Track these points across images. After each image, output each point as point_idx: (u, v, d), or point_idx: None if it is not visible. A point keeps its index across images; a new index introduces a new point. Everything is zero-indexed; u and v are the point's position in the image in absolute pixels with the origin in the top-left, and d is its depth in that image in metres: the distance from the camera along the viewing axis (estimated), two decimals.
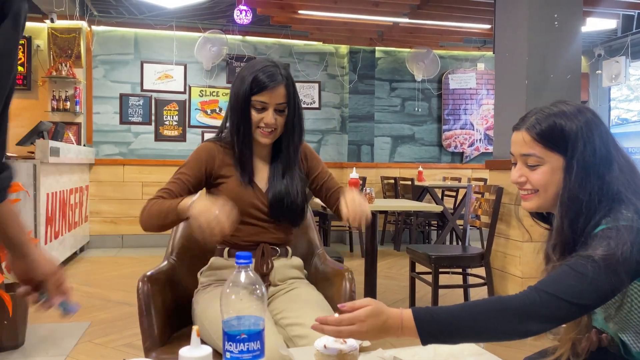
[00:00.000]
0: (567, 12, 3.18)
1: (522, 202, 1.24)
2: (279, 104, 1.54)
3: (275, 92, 1.53)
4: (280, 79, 1.53)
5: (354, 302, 1.06)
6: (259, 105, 1.53)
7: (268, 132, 1.56)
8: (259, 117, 1.54)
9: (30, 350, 2.76)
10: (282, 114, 1.56)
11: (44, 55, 5.83)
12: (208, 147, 1.61)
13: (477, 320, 1.04)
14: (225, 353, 0.91)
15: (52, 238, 4.34)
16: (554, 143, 1.14)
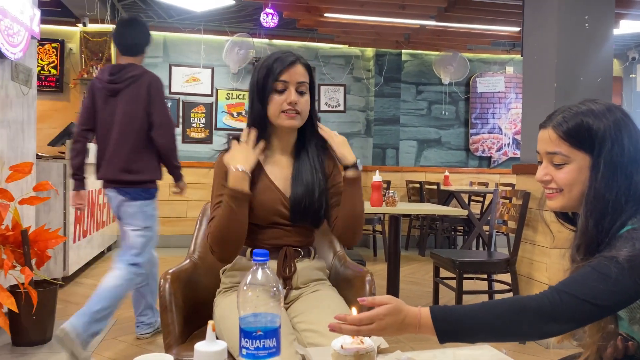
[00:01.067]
0: (598, 14, 3.11)
1: (547, 202, 1.21)
2: (300, 82, 1.52)
3: (294, 70, 1.51)
4: (296, 59, 1.52)
5: (374, 297, 1.06)
6: (280, 85, 1.50)
7: (294, 114, 1.51)
8: (281, 98, 1.50)
9: (57, 346, 2.81)
10: (303, 96, 1.53)
11: (76, 58, 5.98)
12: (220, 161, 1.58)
13: (495, 320, 1.03)
14: (241, 349, 0.91)
15: (80, 237, 4.43)
16: (580, 141, 1.12)
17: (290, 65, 1.50)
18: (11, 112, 3.15)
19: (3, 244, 2.70)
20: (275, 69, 1.50)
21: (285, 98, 1.50)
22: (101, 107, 2.79)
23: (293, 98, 1.49)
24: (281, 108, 1.50)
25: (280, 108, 1.50)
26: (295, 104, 1.50)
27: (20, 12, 3.08)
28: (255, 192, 1.52)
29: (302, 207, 1.54)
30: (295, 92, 1.50)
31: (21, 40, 3.12)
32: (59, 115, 5.86)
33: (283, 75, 1.50)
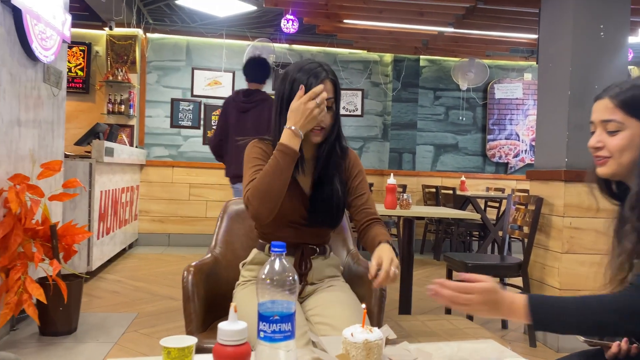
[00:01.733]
0: (614, 23, 3.15)
1: (597, 169, 1.27)
2: (328, 99, 1.52)
3: (323, 86, 1.51)
4: (325, 75, 1.53)
5: (472, 274, 1.16)
6: None
7: (319, 130, 1.54)
8: None
9: (82, 336, 2.95)
10: (330, 110, 1.55)
11: (102, 60, 6.16)
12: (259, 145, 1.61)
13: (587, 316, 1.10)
14: (259, 332, 1.00)
15: (104, 234, 4.58)
16: (635, 110, 1.19)
17: (320, 83, 1.51)
18: (42, 113, 3.29)
19: (33, 237, 2.83)
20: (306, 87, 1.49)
21: None
22: (233, 121, 3.73)
23: (321, 118, 1.50)
24: None
25: None
26: (323, 122, 1.53)
27: (53, 17, 3.23)
28: None
29: (321, 211, 1.61)
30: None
31: (53, 44, 3.27)
32: (84, 116, 6.05)
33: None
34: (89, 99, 6.18)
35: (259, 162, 1.56)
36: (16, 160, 2.92)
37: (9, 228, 2.66)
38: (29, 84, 3.08)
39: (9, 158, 2.83)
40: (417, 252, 6.47)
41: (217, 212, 6.23)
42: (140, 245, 6.23)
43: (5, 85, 2.76)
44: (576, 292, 3.09)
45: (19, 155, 2.96)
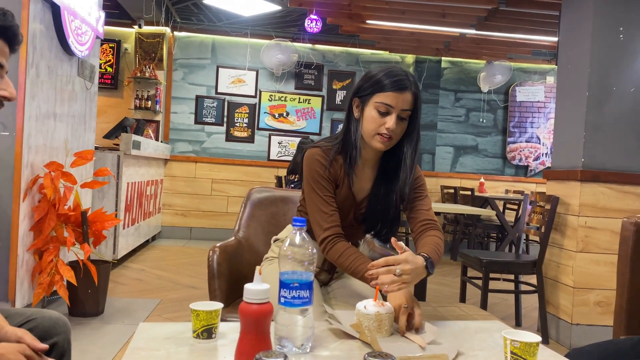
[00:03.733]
0: (634, 26, 3.17)
1: None
2: (404, 110, 1.47)
3: (403, 96, 1.46)
4: (409, 85, 1.47)
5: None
6: (382, 108, 1.46)
7: (387, 138, 1.48)
8: (381, 120, 1.47)
9: (108, 318, 3.09)
10: (403, 122, 1.49)
11: (131, 57, 6.35)
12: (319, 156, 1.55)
13: None
14: (280, 298, 1.10)
15: (129, 224, 4.74)
16: None
17: (401, 91, 1.45)
18: (76, 105, 3.45)
19: (65, 222, 2.99)
20: (383, 88, 1.46)
21: (385, 122, 1.47)
22: None
23: (391, 125, 1.46)
24: (377, 130, 1.48)
25: (377, 130, 1.48)
26: (393, 130, 1.47)
27: (88, 14, 3.39)
28: (338, 195, 1.58)
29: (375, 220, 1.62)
30: (397, 118, 1.47)
31: (88, 40, 3.43)
32: (113, 110, 6.24)
33: (389, 97, 1.46)
34: (117, 95, 6.37)
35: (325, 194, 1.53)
36: (51, 150, 3.08)
37: (44, 212, 2.82)
38: (64, 77, 3.24)
39: (45, 147, 2.99)
40: None
41: (238, 208, 6.35)
42: (163, 237, 6.40)
43: (43, 78, 2.92)
44: (590, 291, 3.13)
45: (53, 145, 3.11)
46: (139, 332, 1.17)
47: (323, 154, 1.55)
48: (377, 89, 1.47)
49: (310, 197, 1.56)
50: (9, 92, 1.19)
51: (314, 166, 1.55)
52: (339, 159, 1.56)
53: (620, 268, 1.73)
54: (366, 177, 1.60)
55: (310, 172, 1.55)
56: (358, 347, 1.15)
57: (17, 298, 2.73)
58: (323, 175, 1.54)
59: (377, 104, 1.47)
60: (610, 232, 3.12)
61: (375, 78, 1.48)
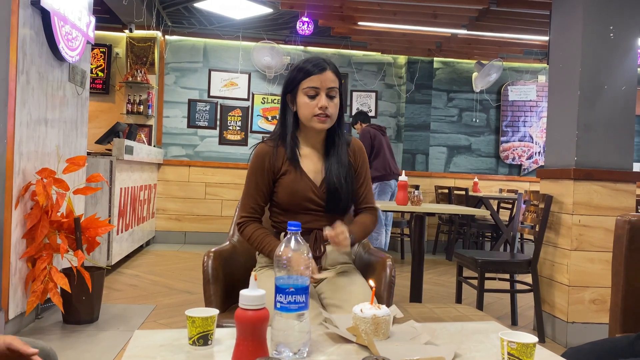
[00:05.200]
0: (624, 25, 3.19)
1: None
2: (330, 88, 1.66)
3: (324, 76, 1.65)
4: (326, 65, 1.67)
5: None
6: (311, 92, 1.66)
7: (324, 117, 1.66)
8: (313, 103, 1.66)
9: (103, 325, 3.07)
10: (333, 100, 1.68)
11: (122, 62, 6.32)
12: (263, 151, 1.73)
13: None
14: (275, 303, 1.09)
15: (123, 230, 4.72)
16: None
17: (321, 72, 1.65)
18: (67, 111, 3.43)
19: (58, 229, 2.96)
20: (305, 75, 1.66)
21: (317, 103, 1.65)
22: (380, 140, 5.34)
23: (323, 103, 1.65)
24: (313, 112, 1.66)
25: (312, 112, 1.66)
26: (326, 109, 1.66)
27: (78, 19, 3.37)
28: (289, 181, 1.71)
29: (334, 195, 1.72)
30: (326, 97, 1.66)
31: (78, 45, 3.41)
32: (104, 115, 6.21)
33: (313, 81, 1.65)
34: (109, 100, 6.34)
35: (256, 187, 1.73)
36: (43, 156, 3.06)
37: (37, 220, 2.80)
38: (55, 83, 3.22)
39: (36, 153, 2.97)
40: (430, 252, 6.53)
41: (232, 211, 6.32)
42: (157, 242, 6.37)
43: (33, 84, 2.90)
44: (585, 289, 3.14)
45: (45, 151, 3.09)
46: (134, 340, 1.16)
47: (267, 148, 1.73)
48: (301, 77, 1.67)
49: (246, 184, 1.76)
50: None
51: (255, 161, 1.73)
52: (280, 150, 1.73)
53: (614, 266, 1.73)
54: (316, 160, 1.76)
55: (251, 165, 1.74)
56: (355, 350, 1.14)
57: (11, 306, 2.71)
58: (261, 168, 1.72)
59: (305, 89, 1.66)
60: (604, 230, 3.13)
61: (296, 68, 1.69)
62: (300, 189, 1.71)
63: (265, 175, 1.72)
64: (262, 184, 1.72)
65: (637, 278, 1.68)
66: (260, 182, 1.72)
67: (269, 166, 1.71)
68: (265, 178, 1.72)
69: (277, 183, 1.74)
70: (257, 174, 1.72)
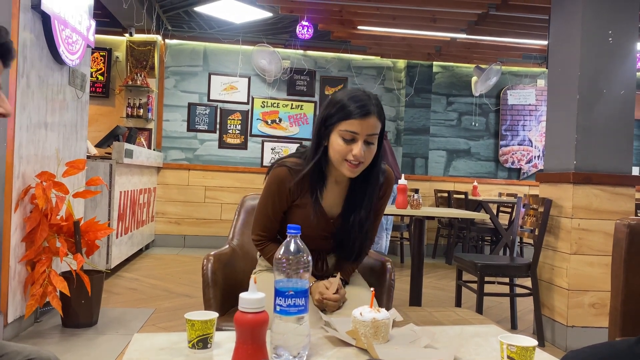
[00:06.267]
0: (623, 29, 3.20)
1: None
2: (370, 134, 1.48)
3: (367, 122, 1.46)
4: (372, 109, 1.47)
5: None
6: (348, 135, 1.47)
7: (355, 165, 1.49)
8: (347, 148, 1.47)
9: (102, 329, 3.06)
10: (371, 146, 1.50)
11: (122, 65, 6.33)
12: (284, 177, 1.58)
13: None
14: (275, 307, 1.09)
15: (122, 233, 4.71)
16: None
17: (364, 117, 1.45)
18: (67, 114, 3.43)
19: (58, 233, 2.96)
20: (346, 116, 1.47)
21: (351, 149, 1.47)
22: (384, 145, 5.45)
23: (358, 152, 1.46)
24: (345, 157, 1.48)
25: (344, 157, 1.48)
26: (360, 157, 1.47)
27: (78, 22, 3.38)
28: (305, 214, 1.60)
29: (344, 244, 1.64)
30: (363, 144, 1.47)
31: (79, 49, 3.42)
32: (104, 119, 6.21)
33: (354, 125, 1.46)
34: (109, 103, 6.35)
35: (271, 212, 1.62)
36: (42, 159, 3.06)
37: (36, 223, 2.80)
38: (55, 86, 3.22)
39: (36, 157, 2.97)
40: (429, 256, 6.52)
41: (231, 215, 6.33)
42: (157, 246, 6.37)
43: (33, 88, 2.90)
44: (584, 293, 3.13)
45: (45, 154, 3.09)
46: (133, 343, 1.16)
47: (289, 176, 1.58)
48: (340, 117, 1.47)
49: (263, 203, 1.64)
50: (4, 107, 1.18)
51: (274, 184, 1.60)
52: (303, 180, 1.57)
53: (614, 270, 1.73)
54: (337, 196, 1.63)
55: (269, 187, 1.61)
56: (355, 354, 1.14)
57: (10, 310, 2.70)
58: (279, 194, 1.59)
59: (342, 131, 1.47)
60: (603, 234, 3.13)
61: (339, 105, 1.48)
62: (315, 224, 1.60)
63: (284, 201, 1.61)
64: (279, 208, 1.62)
65: (636, 282, 1.68)
66: (277, 206, 1.62)
67: (287, 193, 1.59)
68: (283, 204, 1.61)
69: (291, 209, 1.63)
70: (274, 197, 1.61)
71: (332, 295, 1.54)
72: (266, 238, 1.67)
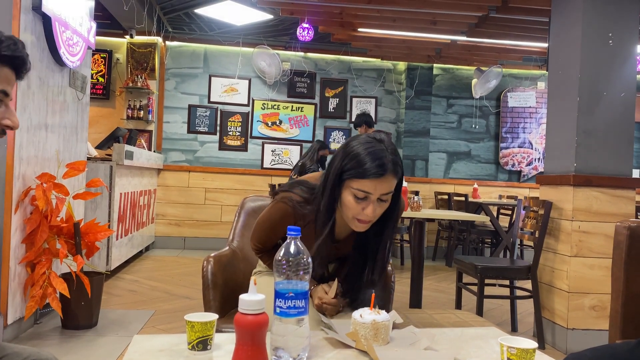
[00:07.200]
0: (623, 32, 3.21)
1: None
2: (384, 194, 1.38)
3: (382, 183, 1.36)
4: (389, 167, 1.36)
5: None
6: (360, 194, 1.37)
7: (366, 222, 1.42)
8: (359, 207, 1.39)
9: (102, 331, 3.06)
10: (383, 203, 1.40)
11: (122, 67, 6.34)
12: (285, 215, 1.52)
13: None
14: (275, 308, 1.09)
15: (122, 235, 4.71)
16: None
17: (379, 177, 1.35)
18: (67, 116, 3.44)
19: (58, 234, 2.96)
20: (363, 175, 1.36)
21: (363, 207, 1.39)
22: None
23: (370, 213, 1.38)
24: (355, 215, 1.41)
25: (355, 215, 1.41)
26: (372, 216, 1.40)
27: (79, 24, 3.38)
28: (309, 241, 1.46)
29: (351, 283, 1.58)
30: (376, 202, 1.38)
31: (79, 50, 3.42)
32: (105, 121, 6.22)
33: (367, 185, 1.36)
34: (109, 105, 6.35)
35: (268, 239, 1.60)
36: (43, 161, 3.06)
37: (36, 224, 2.80)
38: (56, 88, 3.23)
39: (36, 158, 2.97)
40: (430, 258, 6.52)
41: (231, 217, 6.32)
42: (157, 248, 6.36)
43: (34, 89, 2.90)
44: (585, 295, 3.13)
45: (45, 156, 3.09)
46: (133, 345, 1.16)
47: (293, 218, 1.50)
48: (353, 174, 1.37)
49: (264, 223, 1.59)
50: (12, 121, 1.17)
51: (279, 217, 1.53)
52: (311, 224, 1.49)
53: (614, 272, 1.73)
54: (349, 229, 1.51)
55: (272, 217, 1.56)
56: (355, 356, 1.14)
57: (9, 311, 2.70)
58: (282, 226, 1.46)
59: (354, 190, 1.38)
60: (604, 236, 3.13)
61: (355, 160, 1.37)
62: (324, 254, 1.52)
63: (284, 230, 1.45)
64: (280, 233, 1.57)
65: (637, 284, 1.68)
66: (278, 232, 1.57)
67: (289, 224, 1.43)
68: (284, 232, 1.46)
69: None
70: (275, 226, 1.56)
71: (331, 299, 1.54)
72: (265, 249, 1.66)
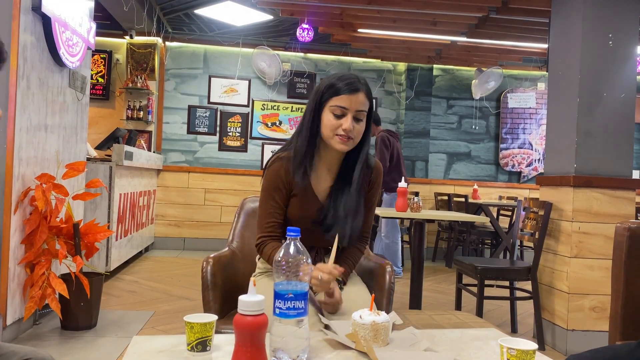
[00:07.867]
0: (623, 33, 3.20)
1: None
2: (359, 110, 1.56)
3: (356, 97, 1.54)
4: (361, 87, 1.56)
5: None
6: (338, 111, 1.55)
7: (346, 139, 1.56)
8: (337, 122, 1.55)
9: (101, 331, 3.06)
10: (359, 123, 1.57)
11: (122, 68, 6.34)
12: (279, 168, 1.64)
13: None
14: (275, 309, 1.09)
15: (122, 235, 4.71)
16: None
17: (353, 93, 1.54)
18: (67, 117, 3.43)
19: (57, 235, 2.96)
20: (336, 92, 1.55)
21: (342, 124, 1.55)
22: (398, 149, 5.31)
23: (348, 126, 1.54)
24: (335, 132, 1.56)
25: (335, 132, 1.56)
26: (350, 131, 1.55)
27: (79, 25, 3.38)
28: (300, 201, 1.64)
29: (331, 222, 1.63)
30: (352, 119, 1.55)
31: (79, 51, 3.42)
32: (104, 121, 6.22)
33: (343, 100, 1.54)
34: (109, 106, 6.35)
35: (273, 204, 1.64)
36: (42, 161, 3.06)
37: (35, 225, 2.79)
38: (55, 88, 3.22)
39: (35, 159, 2.97)
40: (429, 259, 6.52)
41: (231, 217, 6.31)
42: (156, 248, 6.36)
43: (34, 89, 2.90)
44: (585, 297, 3.13)
45: (45, 156, 3.09)
46: (132, 346, 1.16)
47: (285, 167, 1.63)
48: (330, 94, 1.56)
49: (262, 202, 1.68)
50: None
51: (271, 179, 1.65)
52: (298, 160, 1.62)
53: (614, 273, 1.73)
54: (327, 178, 1.67)
55: (267, 183, 1.67)
56: (354, 357, 1.14)
57: (9, 312, 2.70)
58: (278, 187, 1.64)
59: (332, 107, 1.56)
60: (603, 237, 3.13)
61: (327, 84, 1.58)
62: (307, 210, 1.64)
63: (283, 192, 1.64)
64: (280, 200, 1.64)
65: (637, 285, 1.68)
66: (278, 199, 1.64)
67: (285, 183, 1.63)
68: (283, 195, 1.64)
69: (290, 201, 1.66)
70: (274, 192, 1.64)
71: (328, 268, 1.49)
72: (267, 238, 1.64)
